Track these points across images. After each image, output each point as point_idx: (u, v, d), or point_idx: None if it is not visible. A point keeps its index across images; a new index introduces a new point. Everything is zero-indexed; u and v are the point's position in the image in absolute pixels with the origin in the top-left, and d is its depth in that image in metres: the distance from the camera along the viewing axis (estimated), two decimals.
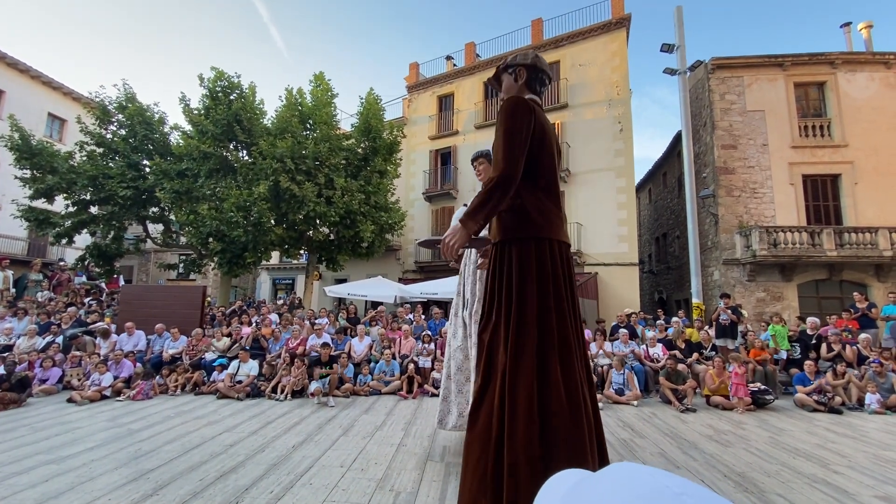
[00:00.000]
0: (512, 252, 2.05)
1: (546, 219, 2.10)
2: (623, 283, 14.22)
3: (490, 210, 1.94)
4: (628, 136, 14.96)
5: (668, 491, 0.43)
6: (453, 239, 1.93)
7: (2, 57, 18.09)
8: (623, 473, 0.46)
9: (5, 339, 8.06)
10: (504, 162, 1.96)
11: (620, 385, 6.50)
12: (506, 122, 2.04)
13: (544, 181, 2.13)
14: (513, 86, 2.32)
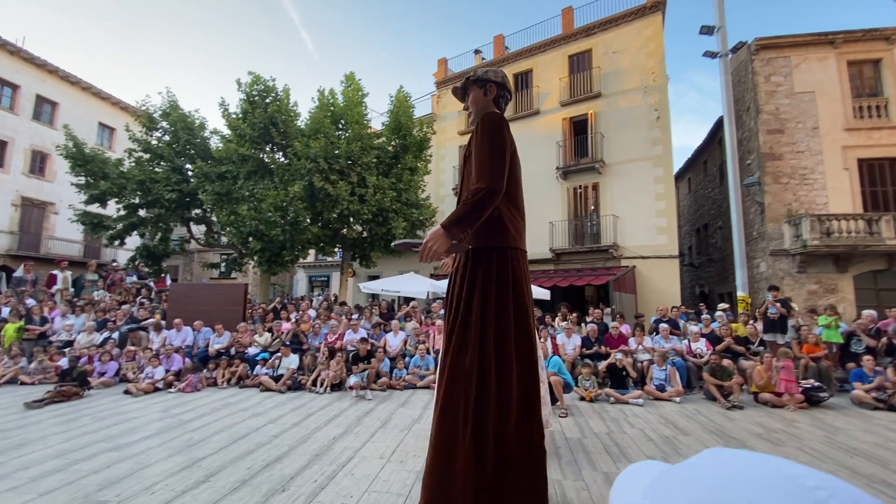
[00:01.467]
0: (490, 259, 2.15)
1: (517, 230, 2.23)
2: (662, 277, 13.75)
3: (476, 220, 2.03)
4: (665, 123, 14.41)
5: (798, 484, 0.35)
6: (435, 244, 1.99)
7: (55, 71, 19.33)
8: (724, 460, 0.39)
9: (66, 335, 8.65)
10: (492, 175, 2.05)
11: (662, 381, 6.30)
12: (492, 136, 2.14)
13: (514, 194, 2.24)
14: (481, 99, 2.40)
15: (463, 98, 2.50)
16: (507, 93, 2.43)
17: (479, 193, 2.02)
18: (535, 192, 16.35)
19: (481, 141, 2.15)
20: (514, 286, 2.15)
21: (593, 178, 15.30)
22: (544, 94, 16.89)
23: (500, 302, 2.11)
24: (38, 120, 18.89)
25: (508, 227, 2.20)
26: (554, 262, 15.58)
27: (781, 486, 0.35)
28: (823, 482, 0.36)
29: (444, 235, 1.99)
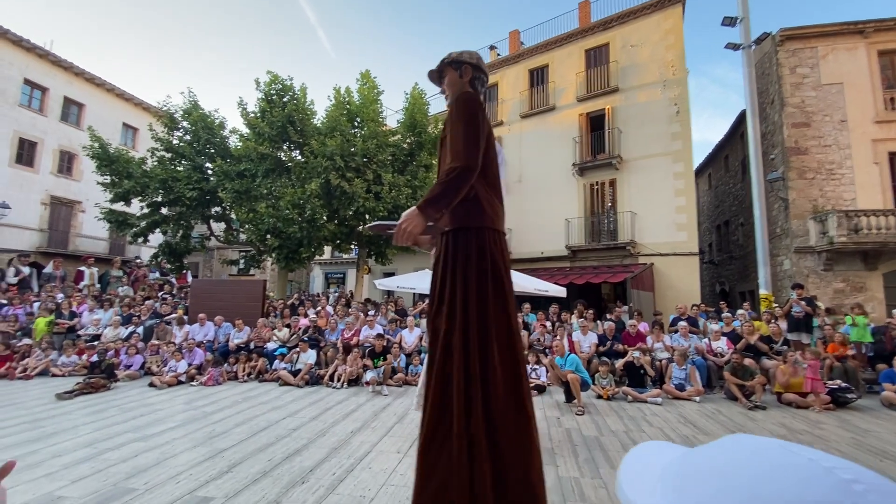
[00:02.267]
0: (469, 240, 2.12)
1: (494, 211, 2.20)
2: (682, 274, 13.51)
3: (450, 201, 2.00)
4: (685, 118, 14.12)
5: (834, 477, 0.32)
6: (410, 224, 1.95)
7: (81, 73, 19.90)
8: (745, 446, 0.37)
9: (94, 329, 8.94)
10: (466, 153, 2.02)
11: (681, 380, 6.20)
12: (466, 115, 2.11)
13: (491, 175, 2.21)
14: (457, 81, 2.38)
15: (439, 82, 2.46)
16: (483, 75, 2.40)
17: (453, 172, 1.98)
18: (551, 188, 16.23)
19: (455, 120, 2.12)
20: (492, 266, 2.11)
21: (610, 174, 15.10)
22: (560, 90, 16.72)
23: (479, 283, 2.07)
24: (65, 121, 19.49)
25: (485, 207, 2.16)
26: (570, 259, 15.45)
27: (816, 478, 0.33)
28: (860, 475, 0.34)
29: (419, 216, 1.95)
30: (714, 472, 0.37)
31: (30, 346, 7.97)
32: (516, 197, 17.16)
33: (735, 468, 0.36)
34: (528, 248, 16.42)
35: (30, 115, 18.16)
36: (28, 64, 18.04)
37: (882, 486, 0.32)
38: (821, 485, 0.32)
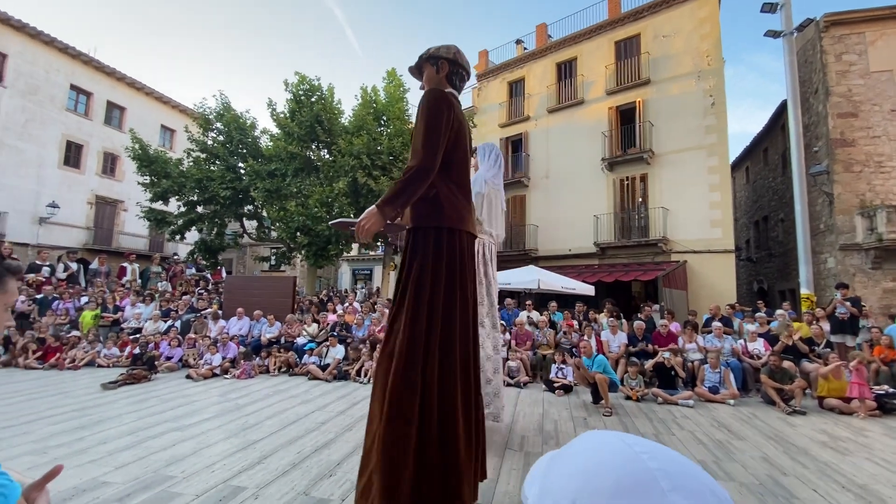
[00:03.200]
0: (427, 240, 2.14)
1: (456, 210, 2.19)
2: (716, 272, 13.04)
3: (408, 198, 2.02)
4: (721, 110, 13.58)
5: (629, 451, 0.49)
6: (368, 223, 2.00)
7: (122, 78, 20.85)
8: (591, 439, 0.51)
9: (136, 322, 9.39)
10: (423, 153, 2.02)
11: (715, 383, 6.00)
12: (427, 113, 2.09)
13: (457, 174, 2.21)
14: (434, 77, 2.35)
15: (419, 77, 2.44)
16: (461, 69, 2.37)
17: (409, 172, 2.00)
18: (579, 184, 15.94)
19: (418, 118, 2.12)
20: (447, 265, 2.13)
21: (641, 168, 14.70)
22: (589, 83, 16.37)
23: (434, 281, 2.09)
24: (108, 124, 20.48)
25: (445, 206, 2.16)
26: (599, 256, 15.15)
27: (621, 455, 0.50)
28: (650, 450, 0.50)
29: (377, 214, 1.99)
30: (568, 460, 0.49)
31: (78, 338, 8.44)
32: (543, 193, 16.95)
33: (579, 455, 0.49)
34: (555, 245, 16.20)
35: (76, 118, 19.17)
36: (74, 70, 19.03)
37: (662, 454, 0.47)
38: (625, 459, 0.45)
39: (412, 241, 2.19)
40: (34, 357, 7.84)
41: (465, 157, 2.28)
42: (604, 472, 0.41)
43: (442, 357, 2.04)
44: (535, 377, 7.19)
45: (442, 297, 2.09)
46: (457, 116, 2.19)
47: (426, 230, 2.16)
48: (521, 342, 7.62)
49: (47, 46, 17.99)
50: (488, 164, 4.14)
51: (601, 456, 0.44)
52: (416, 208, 2.16)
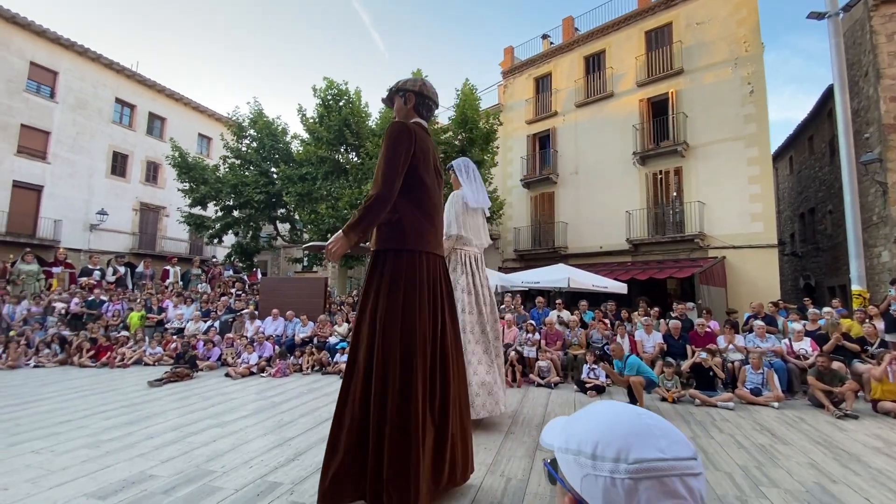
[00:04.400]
0: (388, 261, 2.32)
1: (419, 233, 2.37)
2: (758, 268, 12.46)
3: (367, 224, 2.23)
4: (761, 97, 12.95)
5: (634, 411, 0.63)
6: (335, 246, 2.23)
7: (163, 90, 21.87)
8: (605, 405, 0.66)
9: (178, 322, 9.84)
10: (382, 182, 2.24)
11: (757, 385, 5.74)
12: (387, 145, 2.31)
13: (420, 199, 2.39)
14: (402, 108, 2.57)
15: (392, 107, 2.65)
16: (428, 99, 2.57)
17: (369, 200, 2.21)
18: (610, 179, 15.57)
19: (382, 149, 2.34)
20: (406, 285, 2.29)
21: (675, 161, 14.21)
22: (619, 76, 15.96)
23: (391, 301, 2.26)
24: (150, 134, 21.56)
25: (408, 230, 2.35)
26: (631, 253, 14.76)
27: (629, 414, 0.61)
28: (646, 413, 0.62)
29: (343, 239, 2.21)
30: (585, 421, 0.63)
31: (126, 337, 8.93)
32: (572, 189, 16.66)
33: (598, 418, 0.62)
34: (585, 243, 15.90)
35: (121, 130, 20.27)
36: (118, 84, 20.13)
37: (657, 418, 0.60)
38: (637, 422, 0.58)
39: (374, 263, 2.39)
40: (88, 356, 8.35)
41: (431, 181, 2.48)
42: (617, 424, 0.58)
43: (402, 371, 2.20)
44: (567, 378, 7.08)
45: (400, 314, 2.26)
46: (420, 146, 2.38)
47: (387, 252, 2.36)
48: (552, 342, 7.52)
49: (94, 63, 19.10)
50: (470, 180, 4.33)
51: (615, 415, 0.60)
52: (380, 232, 2.36)
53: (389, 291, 2.28)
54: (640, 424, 0.58)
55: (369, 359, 2.24)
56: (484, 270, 4.46)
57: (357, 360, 2.30)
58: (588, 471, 0.56)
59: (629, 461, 0.53)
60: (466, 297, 4.18)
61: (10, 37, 16.32)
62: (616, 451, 0.54)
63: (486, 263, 4.56)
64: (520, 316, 8.81)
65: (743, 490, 3.01)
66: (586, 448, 0.57)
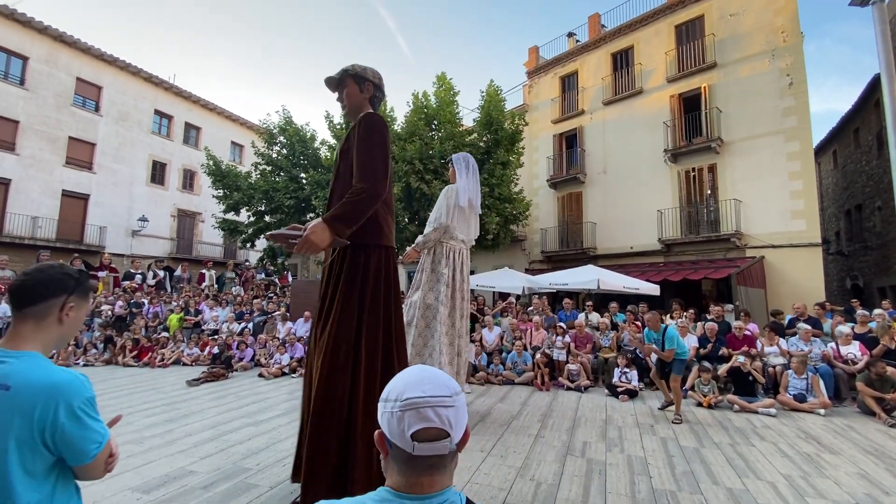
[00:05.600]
0: (367, 257, 2.30)
1: (390, 229, 2.42)
2: (800, 268, 11.87)
3: (360, 219, 2.13)
4: (801, 89, 12.37)
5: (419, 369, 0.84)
6: (317, 237, 2.02)
7: (198, 101, 22.77)
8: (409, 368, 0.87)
9: (214, 324, 10.19)
10: (376, 178, 2.16)
11: (801, 390, 5.46)
12: (375, 139, 2.22)
13: (388, 195, 2.36)
14: (357, 96, 2.45)
15: (336, 89, 2.50)
16: (383, 95, 2.55)
17: (363, 194, 2.11)
18: (639, 178, 15.20)
19: (369, 142, 2.22)
20: (385, 283, 2.33)
21: (709, 158, 13.73)
22: (648, 72, 15.57)
23: (374, 299, 2.27)
24: (187, 143, 22.47)
25: (384, 226, 2.35)
26: (664, 253, 14.34)
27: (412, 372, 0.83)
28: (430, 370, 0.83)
29: (327, 230, 2.04)
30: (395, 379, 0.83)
31: (167, 338, 9.31)
32: (601, 189, 16.35)
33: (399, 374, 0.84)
34: (615, 243, 15.55)
35: (160, 140, 21.21)
36: (157, 96, 21.08)
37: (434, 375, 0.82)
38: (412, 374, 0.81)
39: (351, 258, 2.31)
40: (131, 356, 8.76)
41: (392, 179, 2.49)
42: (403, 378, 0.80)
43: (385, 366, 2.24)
44: (598, 381, 6.94)
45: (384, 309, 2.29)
46: None
47: (367, 247, 2.32)
48: (581, 345, 7.39)
49: (135, 77, 20.08)
50: (468, 176, 4.45)
51: (405, 372, 0.82)
52: (361, 226, 2.26)
53: (373, 289, 2.29)
54: (416, 376, 0.80)
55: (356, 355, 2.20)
56: (467, 267, 4.57)
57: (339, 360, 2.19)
58: (383, 409, 0.79)
59: (401, 399, 0.76)
60: (444, 290, 4.27)
61: (58, 54, 17.35)
62: (396, 394, 0.78)
63: (512, 265, 4.58)
64: (548, 318, 8.70)
65: (787, 500, 2.87)
66: (383, 395, 0.80)
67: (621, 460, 3.53)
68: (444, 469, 0.79)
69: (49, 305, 1.12)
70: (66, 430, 1.03)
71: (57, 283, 1.14)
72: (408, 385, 0.78)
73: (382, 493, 0.78)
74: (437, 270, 4.36)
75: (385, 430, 0.78)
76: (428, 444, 0.74)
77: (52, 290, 1.13)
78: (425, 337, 4.24)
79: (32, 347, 1.10)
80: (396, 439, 0.76)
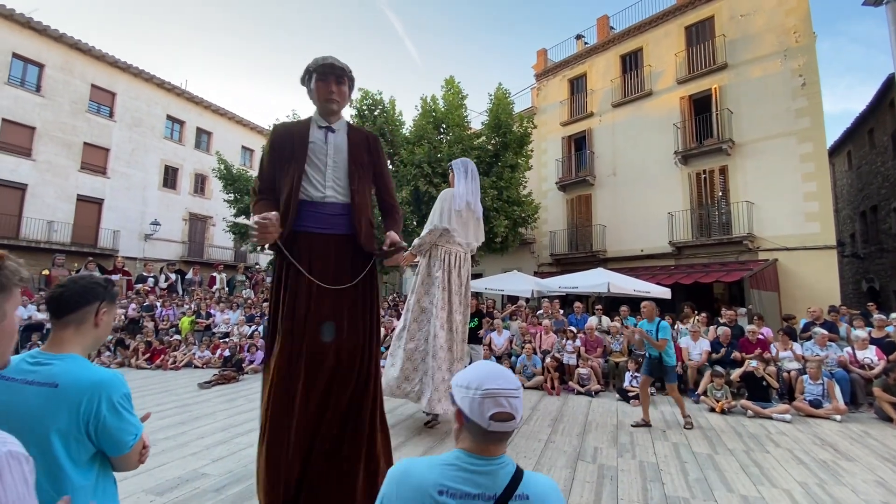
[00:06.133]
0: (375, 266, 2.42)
1: None
2: (814, 271, 11.68)
3: None
4: (814, 90, 12.20)
5: (490, 365, 1.11)
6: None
7: (209, 106, 23.06)
8: (479, 362, 1.16)
9: (225, 327, 10.28)
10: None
11: (817, 396, 5.37)
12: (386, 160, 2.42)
13: None
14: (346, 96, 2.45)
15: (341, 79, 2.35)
16: None
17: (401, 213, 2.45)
18: (650, 180, 15.09)
19: (385, 161, 2.46)
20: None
21: (720, 160, 13.60)
22: (657, 73, 15.47)
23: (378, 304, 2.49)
24: (198, 148, 22.75)
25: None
26: (674, 256, 14.20)
27: (486, 367, 1.09)
28: (498, 368, 1.09)
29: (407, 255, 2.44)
30: (469, 368, 1.10)
31: (179, 341, 9.42)
32: (610, 191, 16.25)
33: (471, 367, 1.11)
34: (625, 246, 15.44)
35: (172, 145, 21.50)
36: (169, 102, 21.38)
37: (503, 372, 1.08)
38: (486, 369, 1.08)
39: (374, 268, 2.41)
40: (143, 358, 8.87)
41: None
42: (479, 371, 1.06)
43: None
44: (608, 385, 6.88)
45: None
46: None
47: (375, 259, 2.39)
48: (592, 349, 7.33)
49: (147, 83, 20.40)
50: (466, 180, 4.46)
51: (480, 366, 1.09)
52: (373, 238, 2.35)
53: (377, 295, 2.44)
54: (491, 372, 1.05)
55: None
56: (466, 271, 4.54)
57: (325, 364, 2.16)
58: (464, 394, 1.03)
59: (482, 389, 1.00)
60: (439, 293, 4.27)
61: (73, 62, 17.70)
62: (476, 384, 1.01)
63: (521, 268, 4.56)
64: (557, 322, 8.65)
65: None
66: (461, 382, 1.05)
67: (633, 466, 3.50)
68: (505, 441, 1.06)
69: (86, 312, 1.25)
70: (107, 422, 1.16)
71: (90, 291, 1.27)
72: (486, 378, 1.02)
73: (457, 453, 1.04)
74: (431, 274, 4.36)
75: (464, 409, 1.02)
76: (500, 423, 0.99)
77: (87, 298, 1.26)
78: (417, 341, 4.28)
79: (73, 350, 1.22)
80: (475, 417, 1.00)
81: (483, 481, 0.98)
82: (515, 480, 1.01)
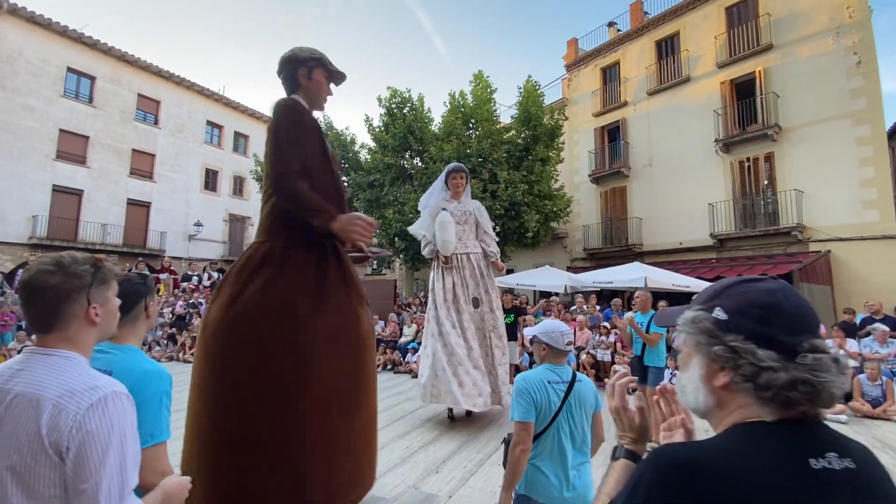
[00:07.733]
0: None
1: None
2: (872, 263, 10.90)
3: None
4: (871, 68, 11.35)
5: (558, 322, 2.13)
6: None
7: (245, 110, 23.90)
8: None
9: None
10: None
11: (876, 396, 5.02)
12: None
13: None
14: None
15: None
16: None
17: None
18: (689, 170, 14.51)
19: None
20: None
21: (766, 147, 12.89)
22: (695, 58, 14.81)
23: None
24: (236, 151, 23.63)
25: None
26: (716, 249, 13.60)
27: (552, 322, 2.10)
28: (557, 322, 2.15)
29: None
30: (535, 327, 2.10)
31: None
32: (646, 182, 15.74)
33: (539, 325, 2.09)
34: (662, 239, 14.93)
35: (211, 149, 22.42)
36: (209, 108, 22.29)
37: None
38: (553, 324, 2.06)
39: None
40: (190, 352, 9.32)
41: None
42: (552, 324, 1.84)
43: None
44: None
45: None
46: None
47: None
48: (628, 345, 7.13)
49: (189, 90, 21.33)
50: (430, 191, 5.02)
51: (549, 322, 1.85)
52: None
53: None
54: (556, 324, 2.00)
55: None
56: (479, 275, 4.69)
57: None
58: (549, 335, 1.95)
59: (556, 331, 1.96)
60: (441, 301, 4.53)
61: (121, 73, 18.73)
62: (555, 330, 1.97)
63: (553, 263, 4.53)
64: (592, 318, 8.47)
65: None
66: (548, 330, 1.97)
67: None
68: (565, 357, 1.96)
69: (138, 308, 1.43)
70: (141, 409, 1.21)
71: (136, 290, 1.43)
72: (557, 327, 1.96)
73: (547, 365, 1.97)
74: (434, 284, 4.69)
75: (550, 342, 1.92)
76: (568, 345, 1.94)
77: (135, 297, 1.42)
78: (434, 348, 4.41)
79: (129, 342, 1.40)
80: (557, 345, 1.92)
81: (562, 375, 1.92)
82: (574, 375, 1.94)
